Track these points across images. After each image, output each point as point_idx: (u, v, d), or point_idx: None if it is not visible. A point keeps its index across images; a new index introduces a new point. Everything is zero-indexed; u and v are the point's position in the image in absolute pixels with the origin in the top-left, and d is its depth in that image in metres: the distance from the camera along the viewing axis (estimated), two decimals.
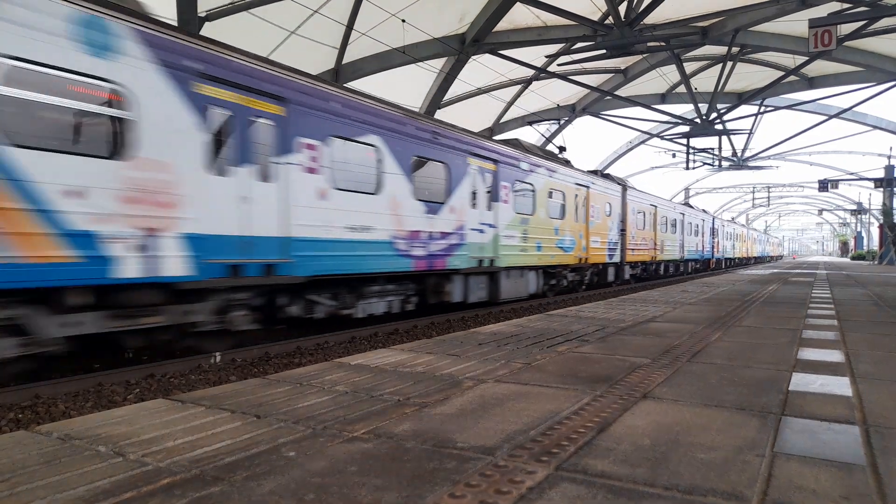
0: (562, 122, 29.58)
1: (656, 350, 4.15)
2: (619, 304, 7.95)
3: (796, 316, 6.40)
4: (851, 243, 74.04)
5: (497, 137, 21.01)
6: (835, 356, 3.95)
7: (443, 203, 11.07)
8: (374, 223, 9.30)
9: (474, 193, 12.08)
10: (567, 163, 17.50)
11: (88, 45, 5.81)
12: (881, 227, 37.90)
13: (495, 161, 12.81)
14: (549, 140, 32.22)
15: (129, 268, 6.08)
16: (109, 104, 6.01)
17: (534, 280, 14.72)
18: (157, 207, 6.36)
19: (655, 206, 24.23)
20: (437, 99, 21.84)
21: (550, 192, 15.26)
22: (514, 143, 14.79)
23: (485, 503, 1.62)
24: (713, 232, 36.42)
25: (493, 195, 12.77)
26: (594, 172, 20.20)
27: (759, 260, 63.70)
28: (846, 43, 17.12)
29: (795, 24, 18.70)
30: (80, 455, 2.01)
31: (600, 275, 19.49)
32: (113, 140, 6.05)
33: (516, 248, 13.64)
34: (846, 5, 15.22)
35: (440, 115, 22.30)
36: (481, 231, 12.30)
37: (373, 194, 9.30)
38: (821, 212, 79.55)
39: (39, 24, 5.43)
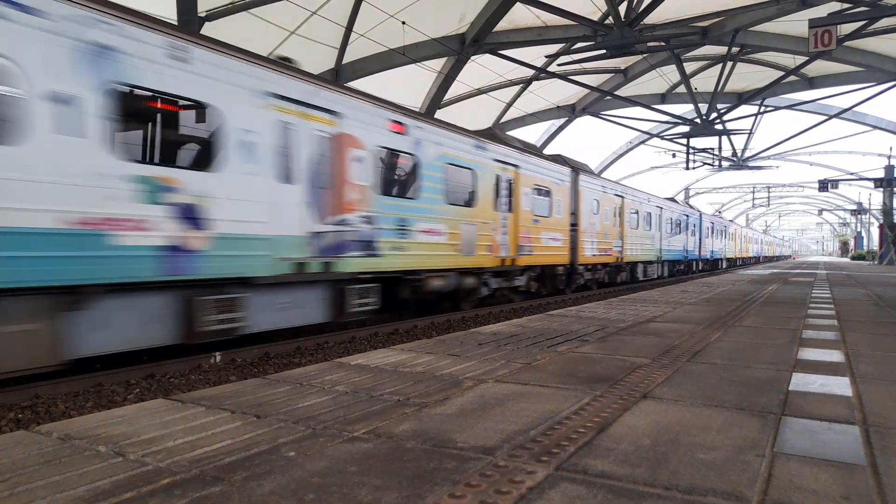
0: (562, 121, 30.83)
1: (656, 350, 4.15)
2: (619, 304, 7.94)
3: (796, 316, 6.40)
4: (851, 243, 74.06)
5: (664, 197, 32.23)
6: (835, 356, 3.95)
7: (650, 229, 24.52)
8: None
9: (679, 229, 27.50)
10: (720, 214, 43.41)
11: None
12: (881, 227, 37.89)
13: (699, 215, 27.62)
14: (549, 140, 32.21)
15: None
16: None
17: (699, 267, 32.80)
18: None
19: (746, 232, 46.04)
20: (437, 99, 21.82)
21: (714, 228, 31.25)
22: (691, 206, 30.75)
23: (485, 503, 1.62)
24: (758, 241, 63.37)
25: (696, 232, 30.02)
26: (731, 221, 41.09)
27: (778, 257, 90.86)
28: (846, 43, 17.09)
29: (795, 24, 18.68)
30: (80, 455, 2.01)
31: (718, 263, 37.69)
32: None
33: (695, 252, 30.24)
34: (846, 5, 15.21)
35: (440, 115, 22.30)
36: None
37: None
38: (821, 212, 79.53)
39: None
